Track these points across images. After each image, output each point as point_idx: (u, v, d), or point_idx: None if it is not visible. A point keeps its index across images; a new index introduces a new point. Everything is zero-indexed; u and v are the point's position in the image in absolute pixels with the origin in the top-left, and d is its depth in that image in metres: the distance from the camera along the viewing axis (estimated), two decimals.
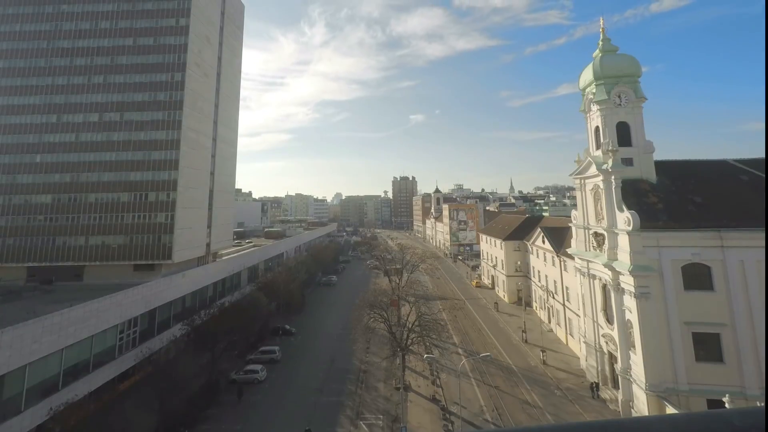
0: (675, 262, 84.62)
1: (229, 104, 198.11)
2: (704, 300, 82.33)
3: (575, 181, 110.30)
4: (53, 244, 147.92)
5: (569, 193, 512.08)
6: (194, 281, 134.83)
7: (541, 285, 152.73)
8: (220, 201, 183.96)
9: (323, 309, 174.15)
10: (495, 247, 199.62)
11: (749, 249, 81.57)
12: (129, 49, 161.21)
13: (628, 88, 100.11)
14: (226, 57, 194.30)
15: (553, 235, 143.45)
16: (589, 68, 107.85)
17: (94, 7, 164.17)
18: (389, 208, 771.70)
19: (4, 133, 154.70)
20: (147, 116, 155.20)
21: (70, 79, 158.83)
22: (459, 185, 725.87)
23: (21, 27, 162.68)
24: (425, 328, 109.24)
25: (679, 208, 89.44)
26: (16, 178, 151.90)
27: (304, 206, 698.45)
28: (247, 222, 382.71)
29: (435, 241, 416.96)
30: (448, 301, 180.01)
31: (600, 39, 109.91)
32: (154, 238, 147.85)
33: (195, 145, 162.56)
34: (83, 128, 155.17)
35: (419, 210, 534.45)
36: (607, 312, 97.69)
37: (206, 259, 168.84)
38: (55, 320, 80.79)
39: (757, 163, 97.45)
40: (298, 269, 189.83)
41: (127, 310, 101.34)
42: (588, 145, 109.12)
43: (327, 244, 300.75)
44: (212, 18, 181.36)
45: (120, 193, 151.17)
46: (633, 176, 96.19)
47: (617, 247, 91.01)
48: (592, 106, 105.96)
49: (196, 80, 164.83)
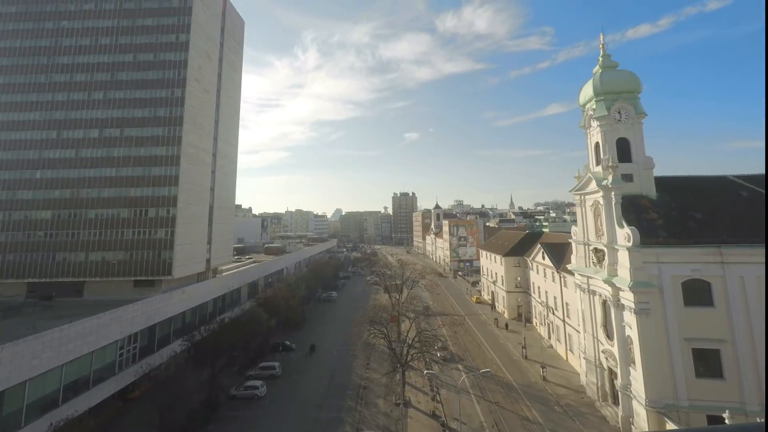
0: (675, 278, 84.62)
1: (229, 120, 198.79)
2: (704, 316, 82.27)
3: (575, 197, 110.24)
4: (53, 260, 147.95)
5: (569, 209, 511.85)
6: (194, 297, 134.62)
7: (541, 301, 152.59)
8: (220, 217, 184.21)
9: (323, 325, 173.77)
10: (495, 263, 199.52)
11: (749, 265, 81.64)
12: (129, 65, 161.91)
13: (628, 104, 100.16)
14: (226, 73, 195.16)
15: (553, 251, 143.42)
16: (589, 84, 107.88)
17: (94, 23, 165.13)
18: (389, 224, 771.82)
19: (4, 149, 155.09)
20: (147, 132, 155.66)
21: (70, 95, 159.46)
22: (459, 201, 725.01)
23: (21, 43, 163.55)
24: (425, 344, 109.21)
25: (679, 223, 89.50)
26: (16, 194, 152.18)
27: (304, 222, 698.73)
28: (247, 238, 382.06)
29: (435, 257, 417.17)
30: (448, 317, 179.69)
31: (600, 55, 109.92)
32: (154, 254, 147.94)
33: (195, 161, 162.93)
34: (83, 144, 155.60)
35: (419, 226, 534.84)
36: (607, 328, 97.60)
37: (206, 275, 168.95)
38: (55, 336, 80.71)
39: (757, 179, 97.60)
40: (298, 285, 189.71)
41: (127, 326, 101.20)
42: (588, 161, 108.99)
43: (327, 260, 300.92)
44: (212, 34, 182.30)
45: (120, 209, 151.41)
46: (633, 192, 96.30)
47: (617, 263, 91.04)
48: (592, 122, 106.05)
49: (196, 96, 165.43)
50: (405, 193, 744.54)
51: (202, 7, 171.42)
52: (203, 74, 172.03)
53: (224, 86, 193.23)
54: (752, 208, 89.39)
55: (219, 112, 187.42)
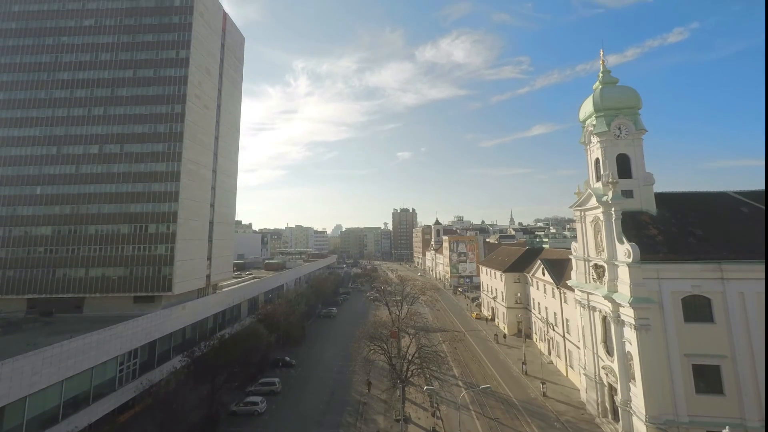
0: (675, 294, 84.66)
1: (229, 136, 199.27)
2: (704, 332, 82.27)
3: (575, 213, 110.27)
4: (53, 276, 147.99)
5: (569, 225, 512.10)
6: (194, 313, 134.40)
7: (541, 317, 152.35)
8: (221, 233, 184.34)
9: (323, 341, 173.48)
10: (495, 278, 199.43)
11: (749, 281, 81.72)
12: (129, 80, 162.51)
13: (629, 120, 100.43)
14: (226, 88, 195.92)
15: (553, 267, 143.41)
16: (589, 100, 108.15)
17: (94, 39, 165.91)
18: (389, 239, 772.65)
19: (4, 164, 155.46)
20: (147, 148, 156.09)
21: (71, 111, 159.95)
22: (459, 217, 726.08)
23: (21, 59, 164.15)
24: (425, 360, 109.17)
25: (680, 240, 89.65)
26: (16, 209, 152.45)
27: (304, 238, 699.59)
28: (248, 254, 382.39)
29: (435, 272, 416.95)
30: (448, 332, 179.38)
31: (600, 71, 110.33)
32: (154, 270, 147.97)
33: (195, 177, 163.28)
34: (83, 160, 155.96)
35: (419, 242, 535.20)
36: (607, 344, 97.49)
37: (206, 291, 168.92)
38: (55, 352, 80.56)
39: (757, 195, 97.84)
40: (298, 301, 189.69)
41: (127, 342, 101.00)
42: (588, 176, 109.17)
43: (327, 276, 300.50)
44: (212, 50, 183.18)
45: (120, 225, 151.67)
46: (633, 208, 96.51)
47: (617, 279, 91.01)
48: (592, 138, 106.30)
49: (197, 112, 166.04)
50: (405, 209, 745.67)
51: (202, 23, 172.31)
52: (203, 90, 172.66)
53: (224, 102, 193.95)
54: (752, 224, 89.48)
55: (219, 128, 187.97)
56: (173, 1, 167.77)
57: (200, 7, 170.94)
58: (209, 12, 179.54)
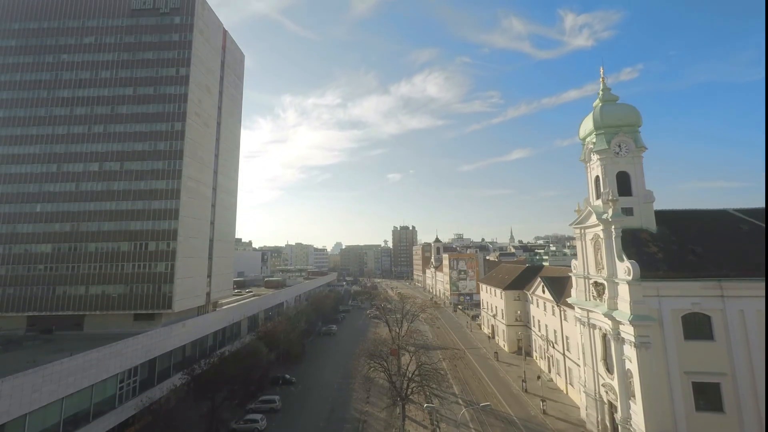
0: (675, 312, 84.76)
1: (229, 153, 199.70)
2: (704, 349, 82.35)
3: (575, 230, 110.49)
4: (53, 294, 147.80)
5: (569, 242, 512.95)
6: (194, 330, 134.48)
7: (541, 334, 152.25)
8: (221, 250, 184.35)
9: (323, 358, 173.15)
10: (495, 296, 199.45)
11: (749, 299, 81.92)
12: (129, 98, 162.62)
13: (629, 137, 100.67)
14: (226, 106, 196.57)
15: (553, 285, 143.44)
16: (589, 118, 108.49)
17: (94, 57, 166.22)
18: (389, 257, 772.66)
19: (4, 182, 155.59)
20: (147, 166, 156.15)
21: (71, 129, 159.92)
22: (459, 235, 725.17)
23: (21, 76, 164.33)
24: (425, 377, 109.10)
25: (680, 257, 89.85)
26: (16, 227, 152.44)
27: (304, 256, 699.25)
28: (248, 271, 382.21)
29: (435, 290, 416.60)
30: (448, 350, 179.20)
31: (600, 89, 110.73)
32: (154, 288, 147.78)
33: (195, 195, 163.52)
34: (83, 177, 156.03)
35: (419, 259, 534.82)
36: (607, 361, 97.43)
37: (206, 309, 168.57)
38: (56, 369, 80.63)
39: (757, 213, 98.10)
40: (298, 318, 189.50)
41: (128, 360, 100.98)
42: (588, 194, 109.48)
43: (327, 294, 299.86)
44: (212, 68, 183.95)
45: (120, 243, 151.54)
46: (633, 226, 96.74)
47: (617, 296, 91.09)
48: (592, 156, 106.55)
49: (197, 130, 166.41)
50: (405, 227, 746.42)
51: (202, 41, 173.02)
52: (203, 108, 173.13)
53: (224, 120, 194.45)
54: (752, 242, 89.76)
55: (219, 146, 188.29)
56: (173, 18, 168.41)
57: (200, 25, 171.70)
58: (209, 29, 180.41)
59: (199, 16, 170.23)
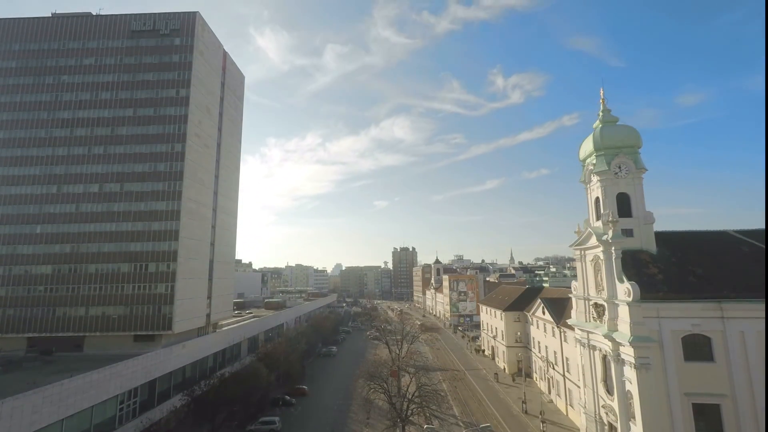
0: (675, 333, 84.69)
1: (229, 174, 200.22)
2: (704, 371, 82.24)
3: (575, 251, 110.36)
4: (53, 315, 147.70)
5: (569, 263, 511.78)
6: (194, 352, 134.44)
7: (542, 356, 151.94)
8: (221, 272, 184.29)
9: (323, 379, 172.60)
10: (495, 317, 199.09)
11: (749, 320, 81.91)
12: (129, 119, 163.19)
13: (629, 158, 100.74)
14: (226, 127, 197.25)
15: (553, 306, 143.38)
16: (589, 139, 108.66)
17: (94, 78, 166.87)
18: (389, 278, 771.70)
19: (4, 203, 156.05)
20: (147, 187, 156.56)
21: (71, 150, 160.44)
22: (459, 256, 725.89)
23: (21, 97, 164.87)
24: (425, 399, 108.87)
25: (680, 278, 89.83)
26: (16, 248, 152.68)
27: (304, 277, 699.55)
28: (248, 292, 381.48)
29: (435, 311, 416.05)
30: (449, 371, 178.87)
31: (600, 110, 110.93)
32: (154, 309, 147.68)
33: (195, 216, 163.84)
34: (83, 199, 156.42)
35: (419, 280, 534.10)
36: (607, 383, 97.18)
37: (206, 330, 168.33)
38: (55, 391, 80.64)
39: (757, 234, 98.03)
40: (298, 340, 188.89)
41: (128, 381, 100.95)
42: (588, 215, 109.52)
43: (327, 315, 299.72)
44: (212, 88, 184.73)
45: (120, 264, 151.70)
46: (633, 247, 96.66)
47: (617, 317, 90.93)
48: (592, 177, 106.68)
49: (197, 151, 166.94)
50: (405, 248, 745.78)
51: (202, 62, 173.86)
52: (203, 129, 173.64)
53: (224, 141, 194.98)
54: (752, 263, 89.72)
55: (219, 167, 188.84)
56: (173, 40, 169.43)
57: (200, 46, 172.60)
58: (209, 51, 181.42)
59: (199, 37, 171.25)
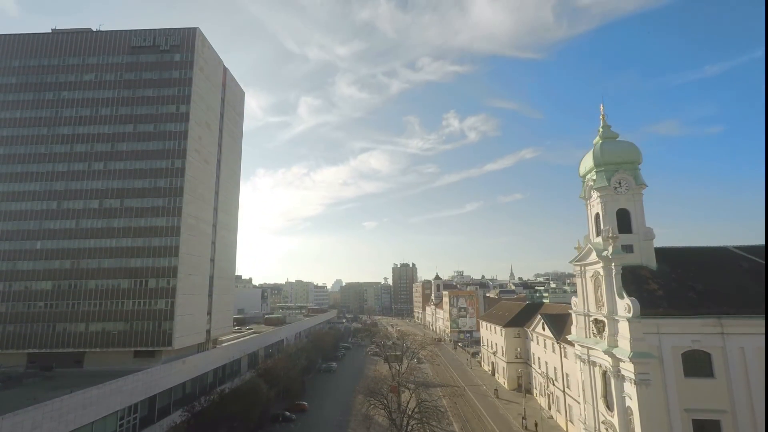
0: (675, 349, 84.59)
1: (229, 190, 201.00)
2: (705, 387, 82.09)
3: (575, 268, 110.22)
4: (53, 331, 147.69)
5: (569, 279, 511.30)
6: (194, 368, 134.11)
7: (542, 371, 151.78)
8: (221, 287, 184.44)
9: (323, 395, 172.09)
10: (495, 333, 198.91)
11: (749, 336, 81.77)
12: (129, 135, 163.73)
13: (629, 174, 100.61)
14: (226, 143, 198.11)
15: (554, 322, 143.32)
16: (589, 155, 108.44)
17: (94, 94, 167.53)
18: (389, 294, 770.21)
19: (4, 219, 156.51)
20: (147, 203, 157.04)
21: (71, 166, 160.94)
22: (459, 272, 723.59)
23: (21, 113, 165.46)
24: (425, 415, 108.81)
25: (680, 294, 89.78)
26: (16, 264, 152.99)
27: (304, 293, 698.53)
28: (248, 308, 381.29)
29: (435, 327, 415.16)
30: (449, 387, 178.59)
31: (600, 126, 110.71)
32: (154, 325, 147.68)
33: (195, 232, 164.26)
34: (84, 215, 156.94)
35: (419, 296, 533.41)
36: (607, 399, 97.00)
37: (206, 346, 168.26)
38: (56, 406, 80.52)
39: (757, 250, 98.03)
40: (298, 356, 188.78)
41: (128, 397, 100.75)
42: (588, 231, 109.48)
43: (327, 331, 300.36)
44: (212, 105, 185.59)
45: (120, 280, 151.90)
46: (633, 263, 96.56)
47: (617, 333, 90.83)
48: (592, 193, 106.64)
49: (197, 167, 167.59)
50: (405, 264, 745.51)
51: (202, 77, 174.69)
52: (203, 144, 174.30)
53: (224, 156, 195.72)
54: (752, 279, 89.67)
55: (219, 183, 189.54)
56: (173, 55, 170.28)
57: (200, 62, 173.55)
58: (209, 67, 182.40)
59: (199, 53, 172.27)
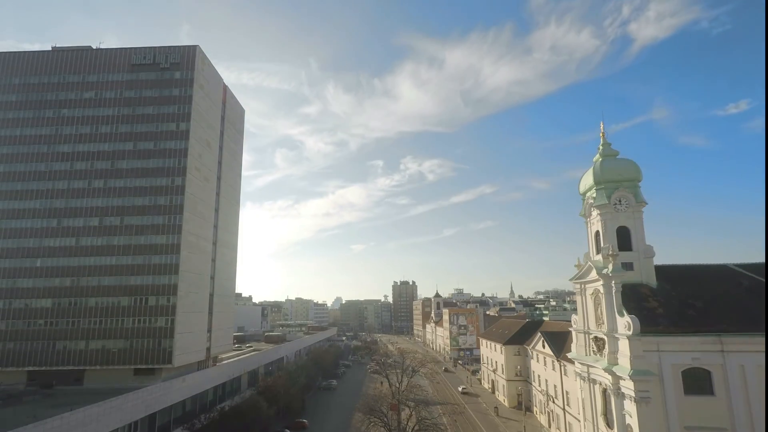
0: (675, 367, 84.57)
1: (229, 208, 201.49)
2: (705, 404, 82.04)
3: (575, 285, 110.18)
4: (53, 348, 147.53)
5: (569, 297, 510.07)
6: (194, 385, 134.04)
7: (542, 389, 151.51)
8: (221, 305, 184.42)
9: (323, 413, 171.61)
10: (495, 351, 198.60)
11: (750, 353, 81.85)
12: (129, 153, 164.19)
13: (629, 192, 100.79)
14: (226, 160, 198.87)
15: (553, 340, 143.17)
16: (589, 173, 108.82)
17: (94, 112, 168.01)
18: (389, 312, 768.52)
19: (4, 237, 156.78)
20: (147, 221, 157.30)
21: (71, 184, 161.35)
22: (459, 289, 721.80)
23: (21, 131, 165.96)
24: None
25: (680, 312, 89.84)
26: (16, 282, 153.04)
27: (304, 310, 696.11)
28: (248, 326, 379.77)
29: (435, 345, 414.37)
30: (449, 405, 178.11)
31: (600, 143, 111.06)
32: (154, 343, 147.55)
33: (195, 250, 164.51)
34: (84, 232, 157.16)
35: (419, 314, 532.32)
36: (607, 416, 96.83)
37: (206, 363, 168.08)
38: (56, 424, 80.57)
39: (757, 268, 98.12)
40: (298, 373, 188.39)
41: (128, 415, 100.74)
42: (588, 249, 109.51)
43: (327, 349, 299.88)
44: (213, 122, 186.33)
45: (120, 297, 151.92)
46: (633, 280, 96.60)
47: (617, 351, 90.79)
48: (592, 211, 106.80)
49: (197, 184, 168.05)
50: (405, 282, 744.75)
51: (202, 95, 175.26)
52: (203, 162, 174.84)
53: (224, 174, 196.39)
54: (752, 297, 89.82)
55: (219, 200, 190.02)
56: (173, 73, 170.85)
57: (200, 80, 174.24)
58: (209, 84, 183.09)
59: (199, 71, 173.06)
